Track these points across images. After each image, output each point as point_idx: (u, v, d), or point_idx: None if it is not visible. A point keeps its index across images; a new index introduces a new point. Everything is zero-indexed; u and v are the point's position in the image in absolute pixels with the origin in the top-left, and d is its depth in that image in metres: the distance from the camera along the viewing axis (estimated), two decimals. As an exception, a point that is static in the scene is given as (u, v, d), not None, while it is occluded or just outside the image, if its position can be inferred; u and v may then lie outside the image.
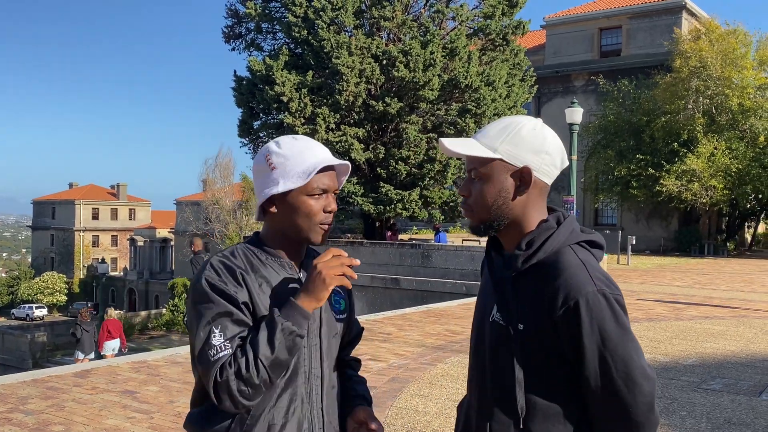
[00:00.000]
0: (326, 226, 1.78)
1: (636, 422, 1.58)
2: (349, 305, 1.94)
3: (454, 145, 1.71)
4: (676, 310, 12.28)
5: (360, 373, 2.07)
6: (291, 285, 1.76)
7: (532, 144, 1.66)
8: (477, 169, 1.68)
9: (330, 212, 1.78)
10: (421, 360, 7.75)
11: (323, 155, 1.77)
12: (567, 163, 1.74)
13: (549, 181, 1.70)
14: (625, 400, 1.56)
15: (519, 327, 1.61)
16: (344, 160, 1.96)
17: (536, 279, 1.63)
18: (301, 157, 1.74)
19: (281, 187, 1.73)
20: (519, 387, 1.61)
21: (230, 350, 1.61)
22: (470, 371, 1.83)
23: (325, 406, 1.79)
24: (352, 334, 1.99)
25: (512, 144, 1.66)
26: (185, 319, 1.85)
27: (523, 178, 1.66)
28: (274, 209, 1.77)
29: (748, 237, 37.46)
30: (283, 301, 1.68)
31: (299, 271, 1.81)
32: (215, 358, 1.60)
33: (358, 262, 1.71)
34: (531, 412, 1.62)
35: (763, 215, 36.34)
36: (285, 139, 1.78)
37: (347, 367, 1.99)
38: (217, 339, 1.62)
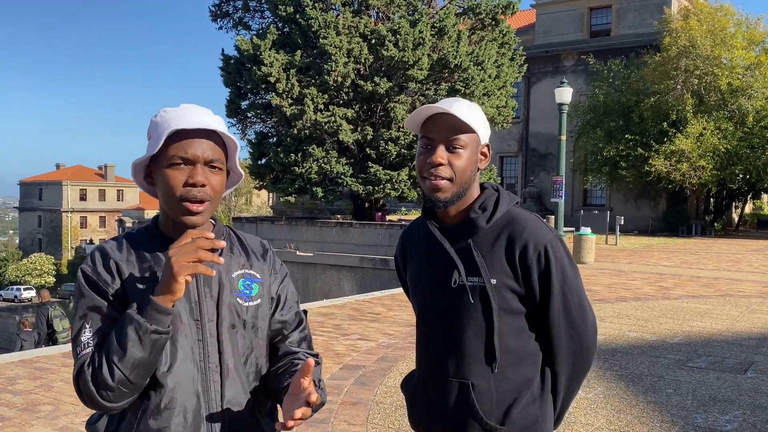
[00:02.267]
0: (193, 204, 1.51)
1: (587, 346, 1.85)
2: (267, 290, 1.68)
3: (456, 107, 1.75)
4: (663, 289, 12.38)
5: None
6: None
7: (488, 127, 1.85)
8: (460, 138, 1.76)
9: (193, 185, 1.50)
10: (410, 339, 7.78)
11: (189, 119, 1.51)
12: None
13: None
14: (580, 328, 1.83)
15: (492, 282, 1.77)
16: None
17: (497, 237, 1.80)
18: (167, 124, 1.51)
19: (141, 157, 1.54)
20: (497, 335, 1.79)
21: (91, 348, 1.49)
22: (428, 344, 1.91)
23: (227, 400, 1.59)
24: (286, 319, 1.72)
25: (483, 124, 1.82)
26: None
27: (485, 154, 1.85)
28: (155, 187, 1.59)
29: (736, 217, 37.76)
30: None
31: None
32: (80, 355, 1.49)
33: (223, 243, 1.46)
34: (506, 357, 1.81)
35: (750, 195, 36.62)
36: (169, 108, 1.57)
37: (297, 359, 1.69)
38: (85, 335, 1.50)
